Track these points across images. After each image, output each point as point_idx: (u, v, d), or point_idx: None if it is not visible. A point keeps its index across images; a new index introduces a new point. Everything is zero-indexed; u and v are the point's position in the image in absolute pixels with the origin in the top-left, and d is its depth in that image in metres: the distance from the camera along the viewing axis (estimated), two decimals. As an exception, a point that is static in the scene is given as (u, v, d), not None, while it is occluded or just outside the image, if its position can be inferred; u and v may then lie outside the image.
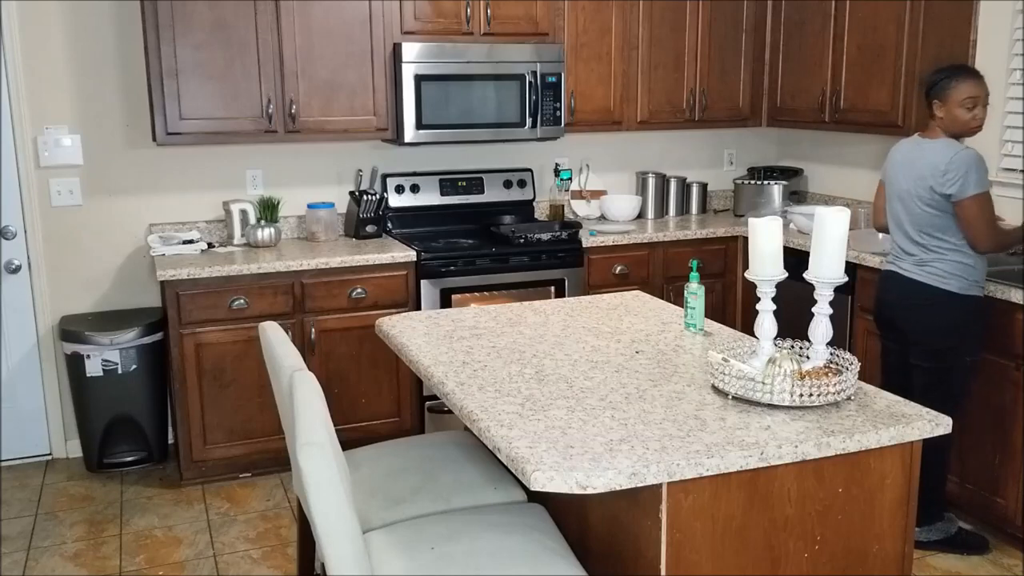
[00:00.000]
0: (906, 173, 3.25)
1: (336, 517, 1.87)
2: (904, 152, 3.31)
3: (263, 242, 4.22)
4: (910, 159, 3.25)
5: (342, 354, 4.09)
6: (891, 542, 2.09)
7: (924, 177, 3.17)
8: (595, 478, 1.77)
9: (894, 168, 3.33)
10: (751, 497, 1.93)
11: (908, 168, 3.25)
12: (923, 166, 3.18)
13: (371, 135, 4.34)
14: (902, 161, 3.30)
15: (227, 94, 4.02)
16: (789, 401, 2.07)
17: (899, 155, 3.33)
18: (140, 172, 4.28)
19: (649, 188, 5.03)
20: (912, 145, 3.29)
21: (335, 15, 4.12)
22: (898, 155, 3.34)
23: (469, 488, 2.43)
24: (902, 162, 3.29)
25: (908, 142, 3.34)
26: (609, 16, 4.62)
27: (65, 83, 4.12)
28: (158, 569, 3.36)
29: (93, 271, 4.28)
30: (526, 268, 4.32)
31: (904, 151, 3.32)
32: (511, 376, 2.35)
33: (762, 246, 2.21)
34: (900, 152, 3.34)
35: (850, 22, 4.32)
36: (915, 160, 3.23)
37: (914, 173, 3.21)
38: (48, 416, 4.30)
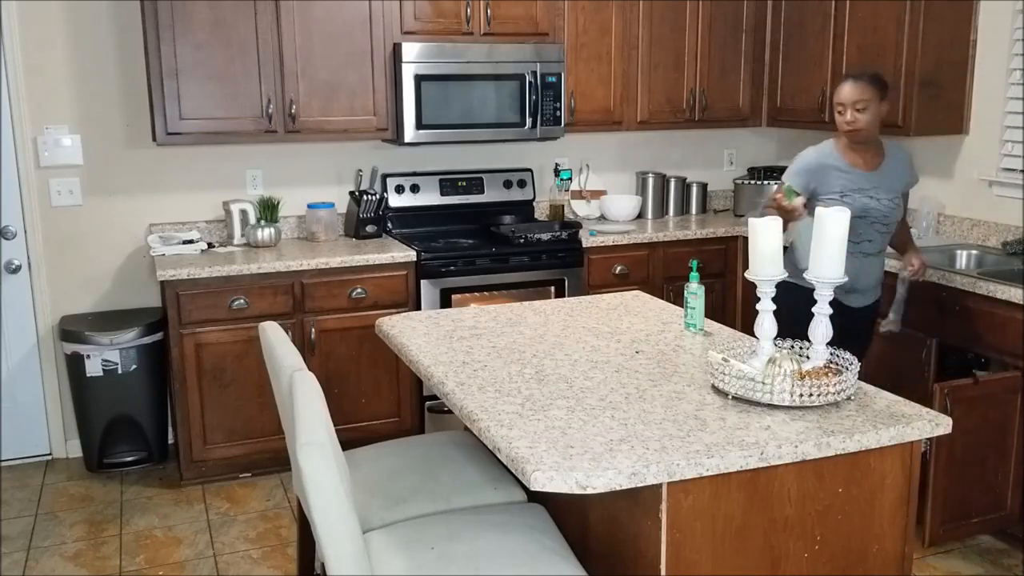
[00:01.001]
0: None
1: (336, 517, 1.87)
2: None
3: (263, 242, 4.22)
4: None
5: (342, 354, 4.09)
6: (891, 542, 2.09)
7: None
8: (595, 478, 1.77)
9: None
10: (751, 497, 1.93)
11: None
12: None
13: (371, 135, 4.34)
14: None
15: (227, 94, 4.02)
16: (789, 401, 2.07)
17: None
18: (140, 172, 4.28)
19: (649, 188, 5.03)
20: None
21: (335, 15, 4.12)
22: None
23: (469, 488, 2.43)
24: None
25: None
26: (609, 16, 4.62)
27: (65, 83, 4.12)
28: (158, 569, 3.36)
29: (93, 271, 4.28)
30: (526, 268, 4.32)
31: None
32: (511, 376, 2.34)
33: (762, 246, 2.21)
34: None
35: (850, 22, 4.32)
36: None
37: None
38: (48, 416, 4.30)
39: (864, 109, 3.15)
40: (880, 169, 3.26)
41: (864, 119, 3.16)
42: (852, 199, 3.18)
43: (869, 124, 3.18)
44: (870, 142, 3.25)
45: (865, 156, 3.25)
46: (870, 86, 3.17)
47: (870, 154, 3.26)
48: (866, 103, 3.15)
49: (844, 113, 3.19)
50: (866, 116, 3.16)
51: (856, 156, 3.25)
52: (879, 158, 3.27)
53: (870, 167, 3.25)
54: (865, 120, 3.17)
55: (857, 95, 3.16)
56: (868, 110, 3.16)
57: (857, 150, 3.25)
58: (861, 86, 3.17)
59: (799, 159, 3.31)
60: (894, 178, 3.28)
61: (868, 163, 3.25)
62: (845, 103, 3.18)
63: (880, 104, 3.19)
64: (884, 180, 3.25)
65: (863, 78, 3.19)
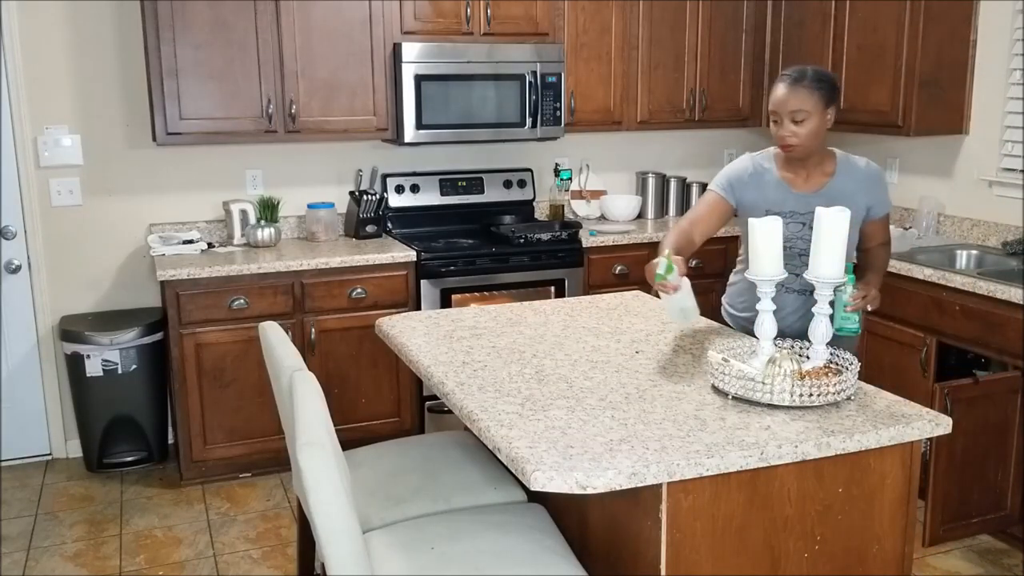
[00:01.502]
0: None
1: (336, 517, 1.87)
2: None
3: (263, 242, 4.22)
4: None
5: (342, 354, 4.09)
6: (891, 542, 2.09)
7: None
8: (595, 478, 1.77)
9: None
10: (751, 497, 1.93)
11: None
12: None
13: (371, 135, 4.34)
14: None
15: (227, 94, 4.02)
16: (789, 401, 2.07)
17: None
18: (140, 172, 4.28)
19: (649, 188, 5.03)
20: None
21: (335, 15, 4.12)
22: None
23: (469, 488, 2.43)
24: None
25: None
26: (609, 16, 4.62)
27: (65, 83, 4.12)
28: (158, 569, 3.36)
29: (93, 271, 4.28)
30: (526, 268, 4.32)
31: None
32: (511, 376, 2.34)
33: (762, 246, 2.21)
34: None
35: (850, 22, 4.32)
36: None
37: None
38: (48, 416, 4.30)
39: (803, 121, 2.56)
40: (822, 191, 2.65)
41: (803, 133, 2.57)
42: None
43: (808, 139, 2.58)
44: (814, 158, 2.67)
45: (803, 173, 2.69)
46: (813, 92, 2.55)
47: (808, 171, 2.69)
48: (807, 113, 2.55)
49: (780, 123, 2.60)
50: (805, 129, 2.56)
51: (790, 172, 2.70)
52: (824, 177, 2.68)
53: (809, 187, 2.68)
54: (804, 134, 2.57)
55: (796, 103, 2.55)
56: (808, 122, 2.56)
57: (793, 165, 2.69)
58: (801, 92, 2.55)
59: (731, 165, 2.81)
60: (844, 203, 2.40)
61: (807, 182, 2.69)
62: (780, 112, 2.58)
63: (825, 113, 2.58)
64: (827, 203, 2.44)
65: (804, 81, 2.56)
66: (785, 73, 2.63)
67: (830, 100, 2.59)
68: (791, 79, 2.58)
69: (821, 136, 2.60)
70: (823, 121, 2.58)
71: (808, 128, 2.56)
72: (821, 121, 2.58)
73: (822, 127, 2.59)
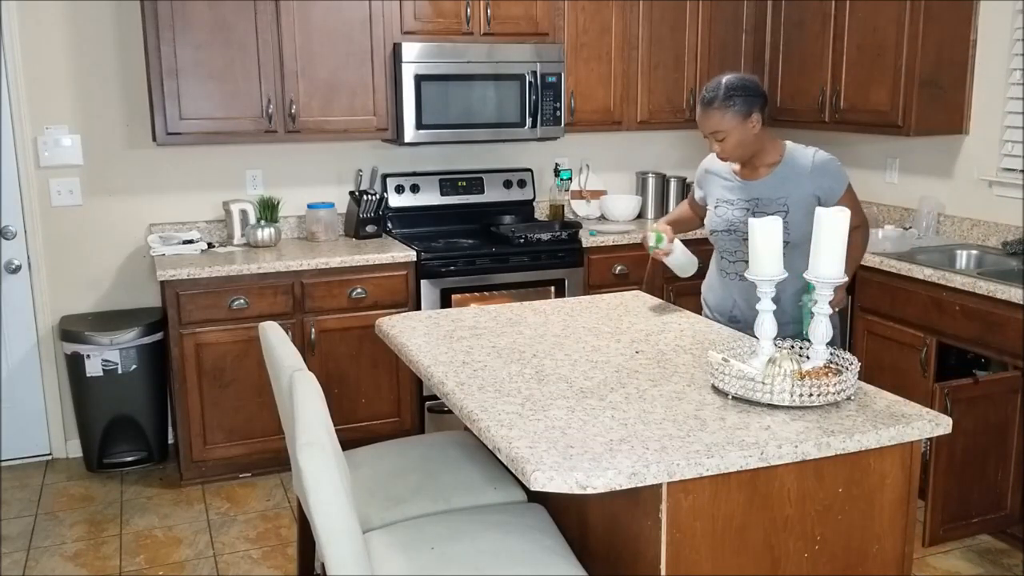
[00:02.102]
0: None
1: (336, 517, 1.87)
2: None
3: (263, 242, 4.22)
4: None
5: (342, 354, 4.09)
6: (891, 542, 2.09)
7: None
8: (595, 478, 1.77)
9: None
10: (751, 497, 1.93)
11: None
12: None
13: (371, 135, 4.34)
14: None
15: (227, 94, 4.02)
16: (789, 401, 2.07)
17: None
18: (140, 172, 4.28)
19: (649, 188, 5.03)
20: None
21: (335, 15, 4.12)
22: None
23: (469, 488, 2.43)
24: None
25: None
26: (609, 16, 4.62)
27: (65, 83, 4.12)
28: (158, 569, 3.36)
29: (93, 271, 4.28)
30: (526, 268, 4.32)
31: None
32: (511, 376, 2.34)
33: (762, 246, 2.21)
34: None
35: (850, 22, 4.32)
36: None
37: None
38: (48, 416, 4.30)
39: (723, 139, 2.71)
40: (769, 178, 2.79)
41: (727, 147, 2.72)
42: (723, 210, 2.87)
43: (734, 150, 2.73)
44: (757, 154, 2.80)
45: (750, 165, 2.84)
46: (725, 112, 2.67)
47: (755, 164, 2.82)
48: (724, 132, 2.69)
49: (709, 141, 2.77)
50: (729, 144, 2.71)
51: (742, 167, 2.87)
52: (767, 168, 2.81)
53: (754, 176, 2.83)
54: (729, 147, 2.72)
55: (710, 125, 2.71)
56: (729, 138, 2.70)
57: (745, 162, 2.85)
58: (713, 115, 2.69)
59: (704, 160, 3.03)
60: (782, 189, 2.75)
61: (753, 172, 2.83)
62: (703, 131, 2.76)
63: (745, 123, 2.68)
64: (771, 191, 2.77)
65: (714, 104, 2.68)
66: (703, 92, 2.74)
67: (748, 111, 2.68)
68: (703, 101, 2.72)
69: (748, 142, 2.72)
70: (745, 131, 2.69)
71: (730, 142, 2.71)
72: (742, 132, 2.69)
73: (746, 135, 2.70)
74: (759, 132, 2.72)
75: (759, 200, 2.79)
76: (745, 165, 2.84)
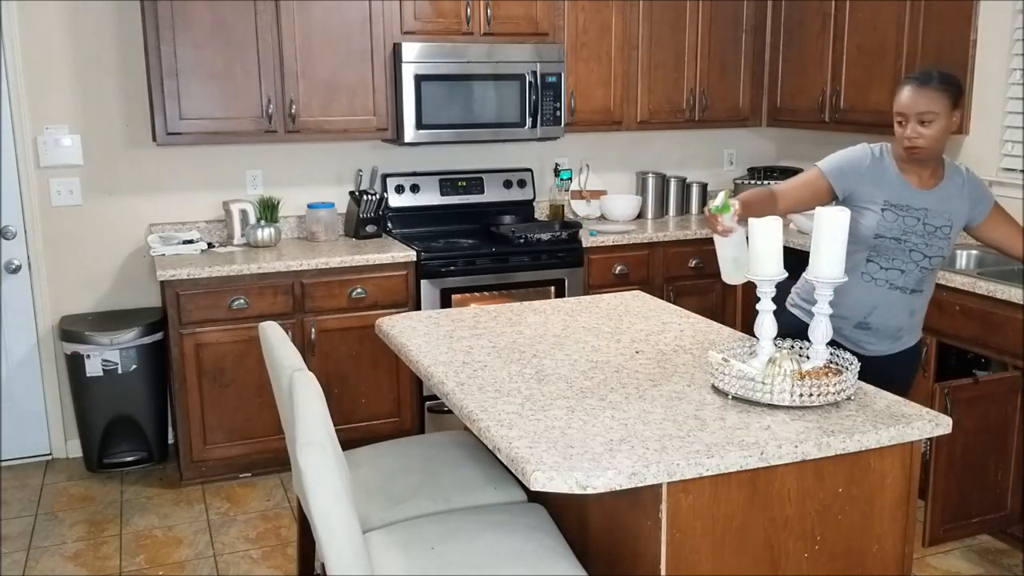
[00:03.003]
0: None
1: (336, 517, 1.87)
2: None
3: (263, 242, 4.22)
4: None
5: (342, 354, 4.09)
6: (891, 542, 2.09)
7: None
8: (595, 478, 1.77)
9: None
10: (751, 497, 1.93)
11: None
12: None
13: (371, 135, 4.34)
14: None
15: (227, 94, 4.02)
16: (789, 401, 2.07)
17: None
18: (140, 172, 4.28)
19: (649, 188, 5.03)
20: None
21: (335, 15, 4.12)
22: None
23: (469, 488, 2.43)
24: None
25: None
26: (609, 16, 4.62)
27: (65, 83, 4.12)
28: (158, 569, 3.36)
29: (93, 271, 4.28)
30: (526, 268, 4.32)
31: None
32: (511, 376, 2.34)
33: (762, 246, 2.21)
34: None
35: (850, 22, 4.32)
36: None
37: None
38: (48, 416, 4.30)
39: (931, 123, 2.54)
40: (936, 190, 2.65)
41: (929, 135, 2.55)
42: (894, 215, 2.63)
43: (934, 141, 2.56)
44: (932, 161, 2.65)
45: (922, 174, 2.66)
46: (942, 95, 2.54)
47: (928, 173, 2.66)
48: (934, 115, 2.53)
49: (905, 125, 2.57)
50: (932, 131, 2.54)
51: (911, 172, 2.66)
52: (935, 179, 2.66)
53: (924, 185, 2.66)
54: (930, 135, 2.55)
55: (924, 105, 2.53)
56: (935, 123, 2.54)
57: (913, 167, 2.65)
58: (929, 93, 2.54)
59: (846, 152, 2.73)
60: (948, 204, 2.64)
61: (923, 182, 2.66)
62: (907, 113, 2.56)
63: (951, 115, 2.56)
64: (939, 204, 2.64)
65: (931, 83, 2.55)
66: (911, 75, 2.63)
67: (956, 102, 2.57)
68: (918, 81, 2.58)
69: (946, 138, 2.60)
70: (949, 123, 2.57)
71: (935, 130, 2.55)
72: (947, 123, 2.57)
73: (948, 129, 2.58)
74: (948, 134, 2.60)
75: (928, 211, 2.63)
76: (914, 172, 2.65)
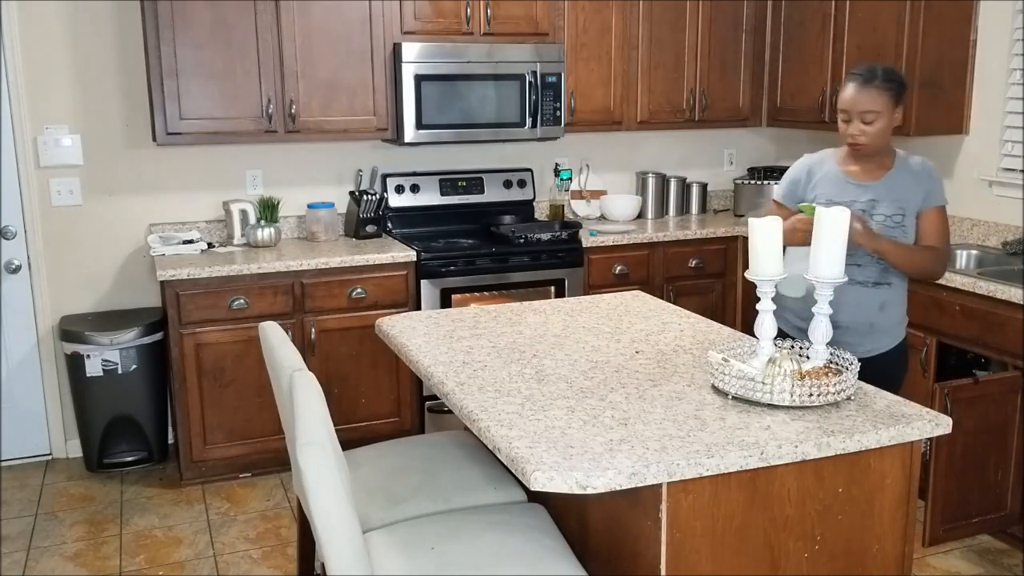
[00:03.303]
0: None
1: (336, 517, 1.87)
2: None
3: (263, 242, 4.22)
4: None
5: (342, 354, 4.09)
6: (891, 542, 2.09)
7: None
8: (595, 478, 1.77)
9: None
10: (751, 497, 1.93)
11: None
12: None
13: (371, 135, 4.34)
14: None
15: (227, 94, 4.02)
16: (789, 401, 2.07)
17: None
18: (140, 172, 4.28)
19: (649, 188, 5.03)
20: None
21: (335, 15, 4.12)
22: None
23: (469, 488, 2.43)
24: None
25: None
26: (609, 16, 4.62)
27: (65, 83, 4.11)
28: (158, 569, 3.36)
29: (93, 271, 4.28)
30: (526, 268, 4.32)
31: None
32: (511, 376, 2.34)
33: (762, 246, 2.21)
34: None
35: (850, 22, 4.32)
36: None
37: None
38: (48, 416, 4.30)
39: (873, 121, 2.62)
40: (882, 180, 2.71)
41: (872, 132, 2.63)
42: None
43: (876, 137, 2.64)
44: (877, 154, 2.72)
45: (867, 166, 2.74)
46: (884, 93, 2.61)
47: (874, 164, 2.73)
48: (876, 114, 2.61)
49: (849, 122, 2.66)
50: (875, 128, 2.62)
51: (855, 166, 2.75)
52: (883, 170, 2.72)
53: (870, 178, 2.73)
54: (873, 132, 2.63)
55: (867, 104, 2.61)
56: (878, 121, 2.62)
57: (857, 160, 2.74)
58: (872, 92, 2.61)
59: (788, 171, 2.90)
60: (898, 193, 2.69)
61: (869, 173, 2.73)
62: (850, 111, 2.64)
63: (893, 111, 2.64)
64: (885, 193, 2.69)
65: (875, 82, 2.61)
66: (855, 72, 2.69)
67: (899, 99, 2.65)
68: (862, 79, 2.64)
69: (888, 133, 2.66)
70: (891, 120, 2.65)
71: (877, 127, 2.63)
72: (890, 120, 2.64)
73: (890, 125, 2.65)
74: (891, 129, 2.68)
75: (876, 202, 2.69)
76: (860, 165, 2.73)
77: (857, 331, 2.71)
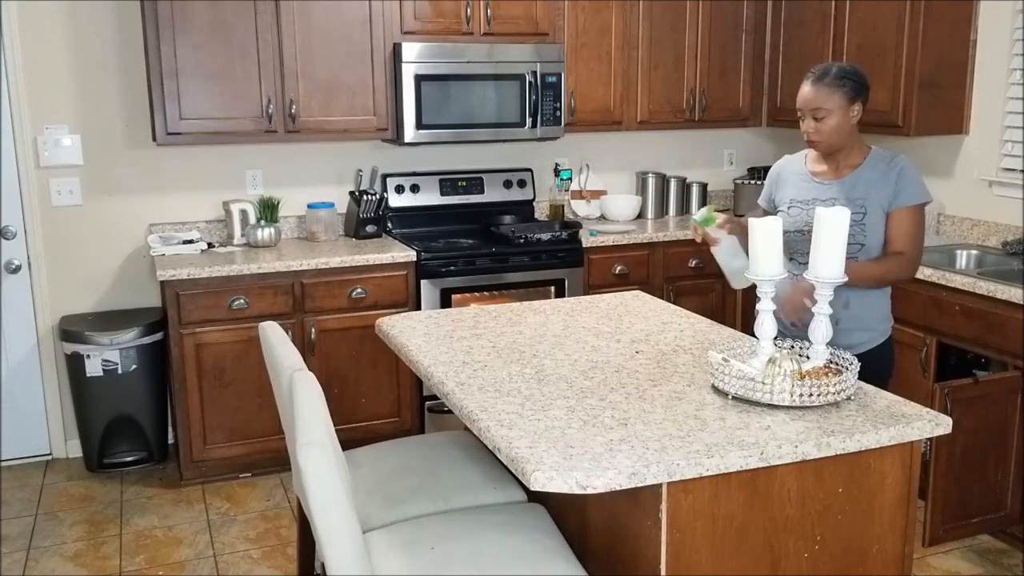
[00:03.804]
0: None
1: (336, 517, 1.87)
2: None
3: (263, 242, 4.22)
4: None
5: (342, 354, 4.09)
6: (891, 542, 2.09)
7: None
8: (595, 478, 1.77)
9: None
10: (751, 497, 1.93)
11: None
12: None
13: (371, 135, 4.34)
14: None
15: (227, 94, 4.02)
16: (789, 401, 2.07)
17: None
18: (140, 172, 4.28)
19: (649, 188, 5.03)
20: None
21: (335, 15, 4.12)
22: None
23: (469, 488, 2.43)
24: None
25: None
26: (609, 16, 4.62)
27: (65, 83, 4.11)
28: (158, 569, 3.36)
29: (93, 271, 4.28)
30: (526, 268, 4.32)
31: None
32: (511, 376, 2.34)
33: (761, 246, 2.21)
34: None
35: (850, 22, 4.32)
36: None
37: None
38: (48, 416, 4.30)
39: (824, 118, 2.63)
40: (845, 179, 2.70)
41: (824, 129, 2.64)
42: (799, 209, 2.73)
43: (829, 135, 2.64)
44: (843, 151, 2.71)
45: (832, 165, 2.74)
46: (835, 91, 2.61)
47: (837, 163, 2.72)
48: (827, 111, 2.62)
49: (803, 119, 2.68)
50: (827, 126, 2.63)
51: (823, 164, 2.76)
52: (849, 168, 2.71)
53: (834, 176, 2.73)
54: (826, 130, 2.64)
55: (816, 101, 2.63)
56: (829, 119, 2.62)
57: (824, 159, 2.75)
58: (822, 90, 2.62)
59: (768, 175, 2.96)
60: (860, 191, 2.65)
61: (835, 172, 2.73)
62: (803, 109, 2.67)
63: (848, 109, 2.62)
64: (849, 192, 2.67)
65: (825, 79, 2.63)
66: (811, 71, 2.70)
67: (854, 96, 2.63)
68: (814, 77, 2.66)
69: (845, 131, 2.65)
70: (846, 117, 2.63)
71: (829, 125, 2.63)
72: (843, 117, 2.63)
73: (845, 123, 2.64)
74: (853, 127, 2.67)
75: (836, 200, 2.66)
76: (827, 164, 2.74)
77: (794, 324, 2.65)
